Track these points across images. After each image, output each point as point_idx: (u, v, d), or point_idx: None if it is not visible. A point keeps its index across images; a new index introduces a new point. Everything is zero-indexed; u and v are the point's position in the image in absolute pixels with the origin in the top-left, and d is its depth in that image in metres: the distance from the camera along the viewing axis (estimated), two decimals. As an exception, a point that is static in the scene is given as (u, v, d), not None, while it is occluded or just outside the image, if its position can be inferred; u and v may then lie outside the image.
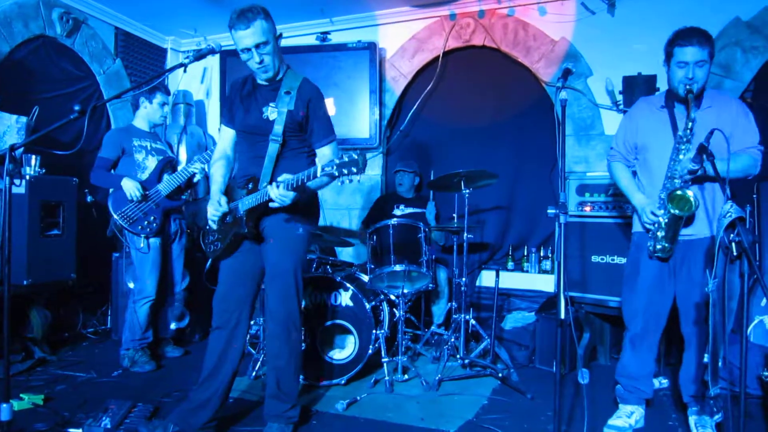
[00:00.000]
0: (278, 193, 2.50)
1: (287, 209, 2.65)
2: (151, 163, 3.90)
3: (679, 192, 2.57)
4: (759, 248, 3.79)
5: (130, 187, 3.71)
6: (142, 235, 3.79)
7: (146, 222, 3.80)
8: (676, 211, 2.56)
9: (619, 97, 4.37)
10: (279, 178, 2.51)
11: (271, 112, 2.70)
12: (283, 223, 2.73)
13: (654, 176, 2.77)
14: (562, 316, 2.44)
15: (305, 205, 2.73)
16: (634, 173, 2.97)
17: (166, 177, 3.87)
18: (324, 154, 2.74)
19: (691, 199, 2.54)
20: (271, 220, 2.74)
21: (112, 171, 3.87)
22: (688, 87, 2.60)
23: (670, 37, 2.73)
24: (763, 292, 3.41)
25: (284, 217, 2.72)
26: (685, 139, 2.61)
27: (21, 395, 3.10)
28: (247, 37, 2.55)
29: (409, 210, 4.63)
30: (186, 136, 5.41)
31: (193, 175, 3.88)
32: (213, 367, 2.74)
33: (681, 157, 2.62)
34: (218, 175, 2.88)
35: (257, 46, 2.57)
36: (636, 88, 4.12)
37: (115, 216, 3.74)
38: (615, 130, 3.06)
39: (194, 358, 4.13)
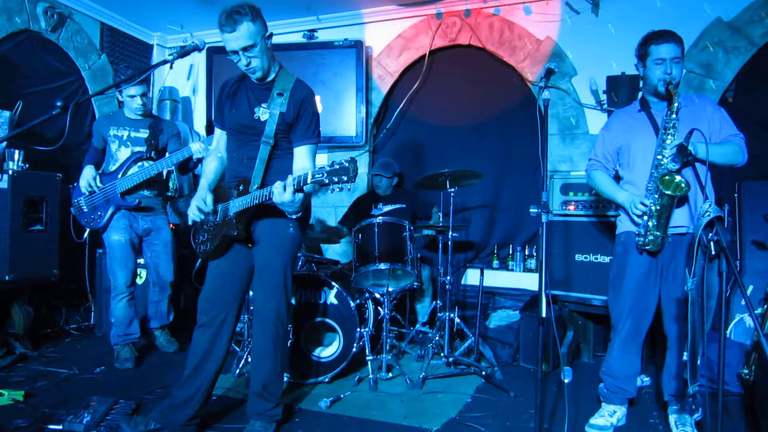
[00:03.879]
0: (289, 197, 2.41)
1: (277, 209, 2.60)
2: (123, 154, 3.79)
3: (668, 177, 2.60)
4: (740, 247, 3.85)
5: (83, 179, 3.74)
6: (87, 229, 3.81)
7: (92, 216, 3.78)
8: (669, 191, 2.57)
9: (603, 97, 4.41)
10: (286, 182, 2.41)
11: (263, 113, 2.67)
12: (273, 223, 2.71)
13: (638, 173, 2.80)
14: (544, 314, 2.46)
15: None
16: (616, 179, 2.99)
17: (129, 173, 3.74)
18: (298, 153, 2.70)
19: (682, 183, 2.58)
20: (262, 221, 2.73)
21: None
22: (668, 80, 2.66)
23: (642, 39, 2.81)
24: (741, 291, 3.45)
25: (274, 218, 2.69)
26: (671, 124, 2.64)
27: (1, 391, 3.06)
28: (233, 40, 2.52)
29: (389, 207, 4.64)
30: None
31: (158, 174, 3.77)
32: (196, 365, 2.72)
33: (668, 142, 2.64)
34: (209, 171, 2.86)
35: (244, 49, 2.55)
36: (620, 87, 4.15)
37: (73, 204, 3.83)
38: (599, 130, 3.08)
39: (178, 355, 4.11)
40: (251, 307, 3.42)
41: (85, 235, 3.86)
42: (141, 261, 4.13)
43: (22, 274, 3.85)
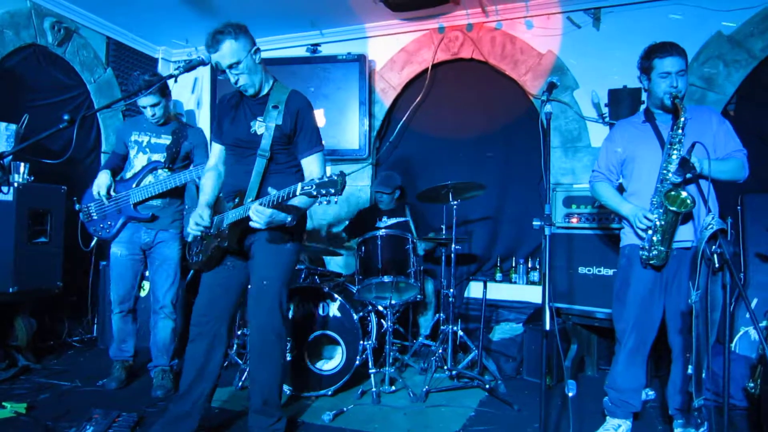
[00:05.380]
0: (253, 211, 2.48)
1: (272, 227, 2.62)
2: (140, 161, 3.59)
3: (673, 192, 2.60)
4: (743, 260, 3.84)
5: (95, 185, 3.54)
6: (95, 238, 3.63)
7: (101, 225, 3.58)
8: (674, 208, 2.57)
9: (605, 110, 4.42)
10: (262, 200, 2.49)
11: (259, 127, 2.69)
12: (269, 238, 2.71)
13: (643, 185, 2.80)
14: (547, 327, 2.45)
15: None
16: (619, 191, 2.99)
17: (144, 183, 3.54)
18: (308, 164, 2.72)
19: (687, 199, 2.57)
20: (258, 236, 2.73)
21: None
22: (674, 94, 2.65)
23: (644, 52, 2.81)
24: (744, 304, 3.44)
25: (271, 232, 2.69)
26: (677, 139, 2.64)
27: (3, 403, 3.07)
28: (218, 59, 2.59)
29: (393, 221, 4.65)
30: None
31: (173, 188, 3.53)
32: (192, 380, 2.71)
33: (673, 157, 2.64)
34: (207, 187, 2.87)
35: (230, 67, 2.59)
36: (621, 100, 4.17)
37: (80, 207, 3.65)
38: (601, 143, 3.09)
39: (180, 368, 4.09)
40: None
41: (92, 243, 3.67)
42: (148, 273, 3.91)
43: (25, 286, 3.84)
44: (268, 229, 2.62)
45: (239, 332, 4.06)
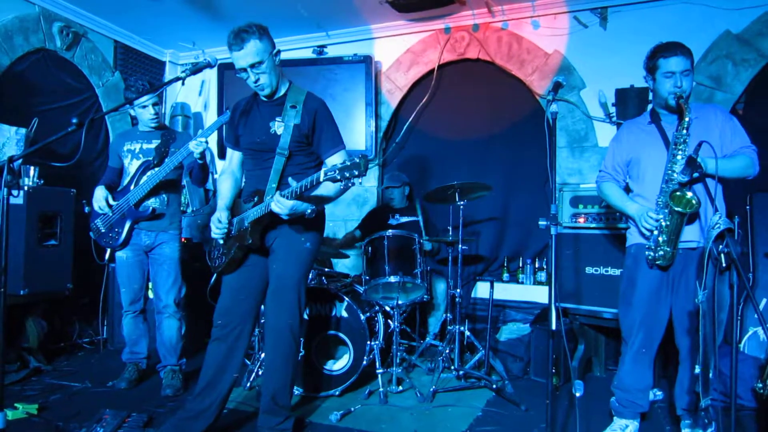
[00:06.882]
0: (275, 201, 2.52)
1: (293, 222, 2.66)
2: (134, 167, 3.63)
3: (678, 193, 2.59)
4: (752, 259, 3.82)
5: (95, 201, 3.59)
6: (108, 249, 3.67)
7: (110, 235, 3.62)
8: (679, 208, 2.56)
9: (612, 110, 4.41)
10: (284, 191, 2.52)
11: (278, 127, 2.72)
12: (290, 236, 2.74)
13: (648, 186, 2.79)
14: (554, 327, 2.45)
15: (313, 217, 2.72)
16: (626, 191, 2.99)
17: (140, 183, 3.55)
18: (333, 163, 2.70)
19: (693, 199, 2.56)
20: (279, 234, 2.76)
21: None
22: (678, 94, 2.64)
23: (650, 52, 2.80)
24: (752, 304, 3.43)
25: (291, 230, 2.73)
26: (682, 140, 2.63)
27: (15, 404, 3.10)
28: (242, 57, 2.60)
29: (405, 219, 4.66)
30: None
31: (168, 182, 3.60)
32: (211, 379, 2.74)
33: (678, 157, 2.63)
34: (225, 190, 2.90)
35: (252, 66, 2.61)
36: (628, 100, 4.16)
37: (91, 228, 3.69)
38: (608, 142, 3.08)
39: (189, 368, 4.11)
40: (262, 320, 3.45)
41: (107, 256, 3.72)
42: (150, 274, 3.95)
43: (36, 288, 3.89)
44: (289, 222, 2.65)
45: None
